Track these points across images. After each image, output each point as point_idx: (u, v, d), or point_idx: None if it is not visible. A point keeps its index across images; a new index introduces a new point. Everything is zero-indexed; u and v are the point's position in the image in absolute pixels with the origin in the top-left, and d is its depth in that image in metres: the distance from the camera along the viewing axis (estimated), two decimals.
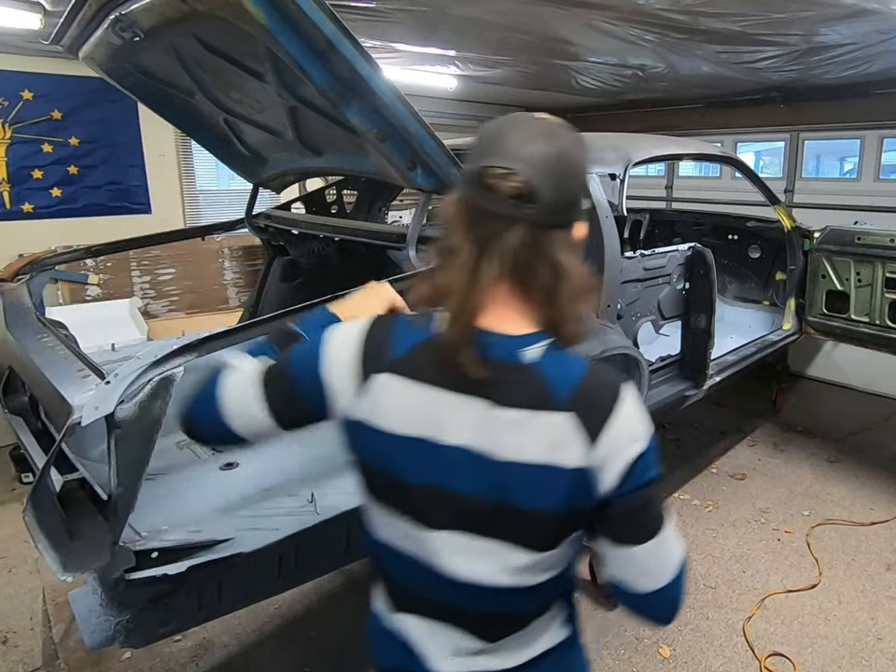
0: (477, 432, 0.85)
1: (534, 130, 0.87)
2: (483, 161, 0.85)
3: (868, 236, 3.63)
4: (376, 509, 0.94)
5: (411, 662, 0.96)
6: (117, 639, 1.42)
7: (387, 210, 3.71)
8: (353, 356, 0.91)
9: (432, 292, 0.89)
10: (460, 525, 0.88)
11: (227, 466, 1.91)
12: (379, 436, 0.89)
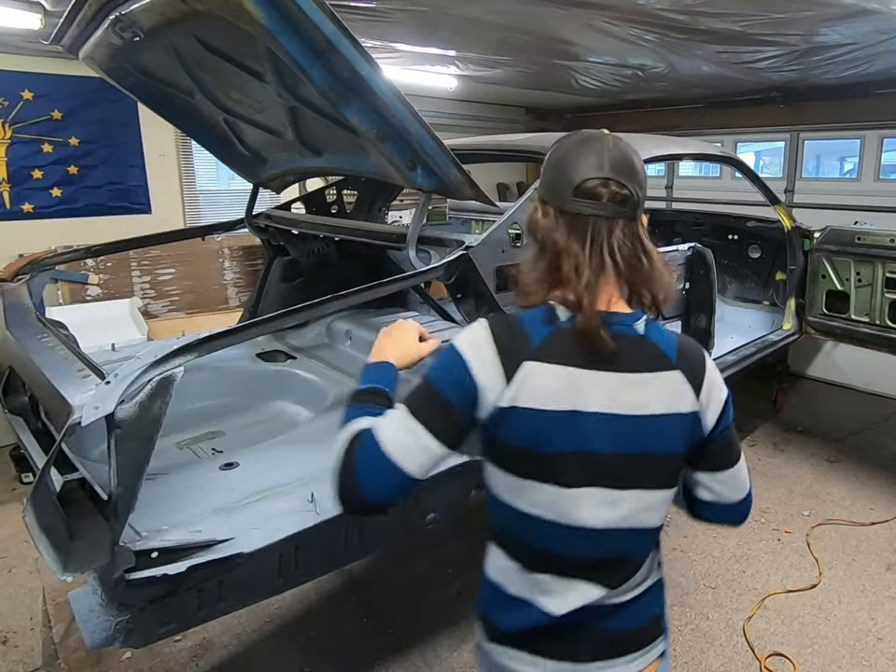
0: (613, 398, 1.02)
1: (608, 143, 1.05)
2: (578, 175, 1.03)
3: (868, 236, 3.63)
4: (520, 483, 1.06)
5: (541, 617, 1.10)
6: (117, 639, 1.42)
7: (387, 210, 3.71)
8: (493, 354, 1.02)
9: (544, 289, 1.06)
10: (601, 482, 1.04)
11: (227, 466, 1.91)
12: (527, 414, 1.01)
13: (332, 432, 2.04)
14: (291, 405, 2.60)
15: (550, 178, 1.08)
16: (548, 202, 1.07)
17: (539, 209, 1.09)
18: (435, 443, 1.02)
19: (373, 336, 3.13)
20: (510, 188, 7.98)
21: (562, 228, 1.04)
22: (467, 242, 2.08)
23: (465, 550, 3.21)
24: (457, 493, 2.00)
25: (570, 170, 1.04)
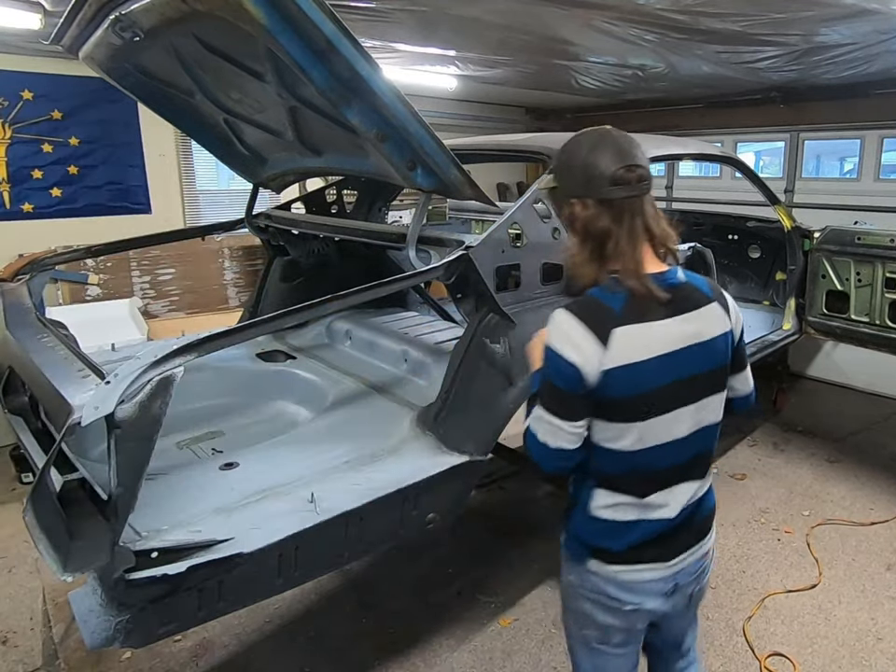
0: (681, 335, 1.31)
1: (617, 136, 1.30)
2: (609, 168, 1.25)
3: (868, 236, 3.63)
4: (629, 427, 1.31)
5: (659, 526, 1.39)
6: (117, 639, 1.42)
7: (387, 210, 3.71)
8: (584, 332, 1.25)
9: (595, 269, 1.30)
10: (687, 401, 1.34)
11: (227, 466, 1.91)
12: (626, 369, 1.26)
13: (332, 432, 2.04)
14: (291, 405, 2.60)
15: (583, 176, 1.28)
16: (584, 196, 1.28)
17: (576, 204, 1.29)
18: (566, 423, 1.30)
19: (373, 336, 3.16)
20: (510, 188, 7.98)
21: (604, 214, 1.27)
22: (467, 242, 2.08)
23: (465, 550, 3.21)
24: (457, 493, 1.99)
25: (601, 165, 1.26)
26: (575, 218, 1.31)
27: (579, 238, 1.32)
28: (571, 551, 1.48)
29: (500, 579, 2.99)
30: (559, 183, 1.37)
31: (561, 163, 1.35)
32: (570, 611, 1.54)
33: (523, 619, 2.74)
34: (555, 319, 1.30)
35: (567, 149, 1.33)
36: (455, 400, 2.04)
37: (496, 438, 2.07)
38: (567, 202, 1.32)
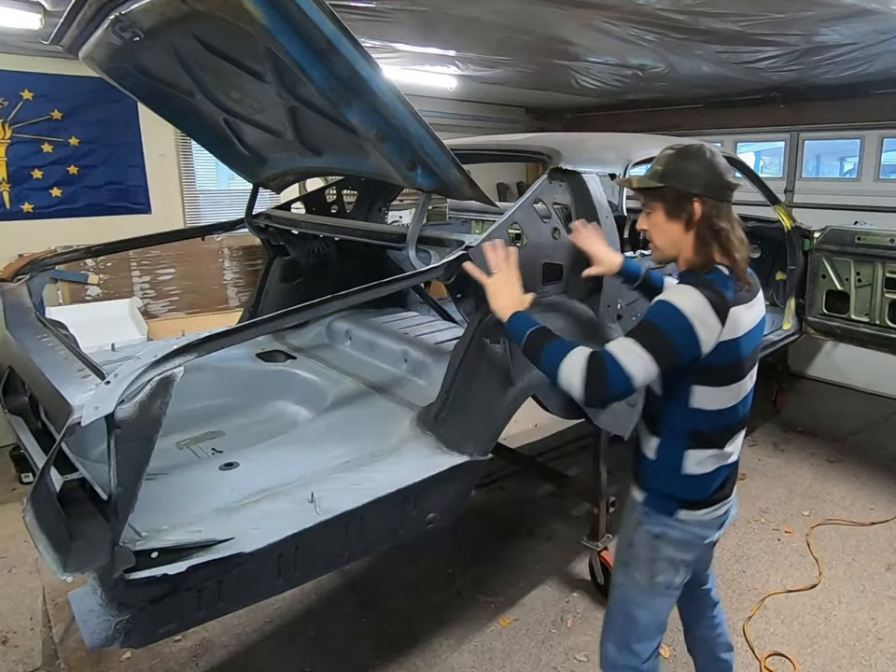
0: (755, 315, 1.63)
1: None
2: (728, 177, 1.60)
3: (868, 236, 3.63)
4: (724, 389, 1.60)
5: (728, 470, 1.71)
6: (117, 639, 1.42)
7: (387, 210, 3.71)
8: (713, 315, 1.49)
9: (712, 258, 1.58)
10: (753, 365, 1.67)
11: (227, 466, 1.90)
12: (732, 342, 1.54)
13: (332, 432, 2.03)
14: (291, 405, 2.60)
15: (710, 181, 1.56)
16: (709, 197, 1.56)
17: (704, 203, 1.55)
18: (654, 366, 1.48)
19: (373, 336, 3.16)
20: (510, 188, 7.98)
21: (723, 215, 1.57)
22: (467, 242, 2.08)
23: (465, 550, 3.22)
24: (457, 493, 1.99)
25: (724, 174, 1.58)
26: (699, 215, 1.56)
27: (697, 231, 1.58)
28: (657, 507, 1.70)
29: (500, 579, 2.99)
30: (674, 183, 1.57)
31: (688, 168, 1.57)
32: (646, 562, 1.72)
33: (523, 619, 2.74)
34: (692, 295, 1.50)
35: (688, 155, 1.59)
36: (455, 400, 2.04)
37: (496, 438, 2.07)
38: (689, 200, 1.56)
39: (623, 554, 1.79)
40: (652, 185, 1.60)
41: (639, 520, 1.73)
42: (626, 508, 1.82)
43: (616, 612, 1.81)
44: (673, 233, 1.61)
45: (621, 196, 2.54)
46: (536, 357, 1.62)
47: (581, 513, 3.45)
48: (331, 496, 1.70)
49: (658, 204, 1.61)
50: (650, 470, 1.72)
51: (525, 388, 2.10)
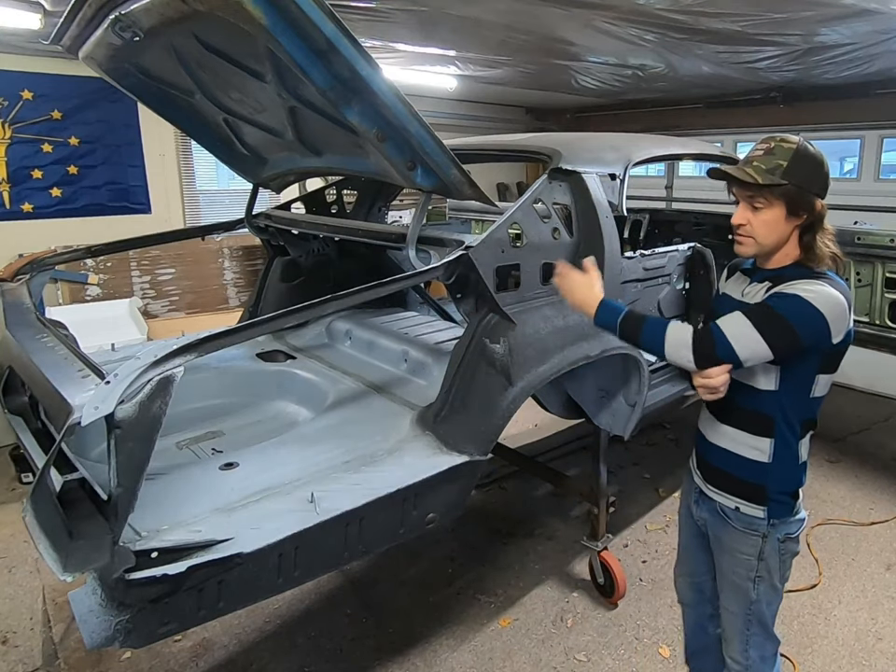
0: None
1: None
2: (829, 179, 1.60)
3: (868, 236, 3.63)
4: (832, 376, 1.67)
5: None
6: (117, 639, 1.42)
7: (387, 210, 3.71)
8: (847, 314, 1.54)
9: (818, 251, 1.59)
10: None
11: (227, 466, 1.90)
12: (850, 332, 1.57)
13: (332, 432, 2.03)
14: (291, 405, 2.60)
15: (827, 181, 1.58)
16: (822, 196, 1.57)
17: (817, 201, 1.55)
18: (766, 354, 1.51)
19: (373, 336, 3.16)
20: (510, 188, 7.98)
21: (824, 213, 1.59)
22: (467, 242, 2.08)
23: (465, 550, 3.22)
24: (457, 493, 1.99)
25: (829, 175, 1.60)
26: (814, 211, 1.55)
27: (810, 228, 1.57)
28: (782, 512, 1.69)
29: (500, 579, 2.99)
30: (800, 182, 1.53)
31: (809, 166, 1.55)
32: (777, 566, 1.71)
33: (523, 619, 2.74)
34: (834, 298, 1.51)
35: (811, 155, 1.55)
36: (454, 400, 2.04)
37: (496, 438, 2.07)
38: (811, 197, 1.55)
39: (752, 573, 1.72)
40: (778, 182, 1.53)
41: (765, 533, 1.69)
42: (723, 532, 1.75)
43: (756, 633, 1.77)
44: (786, 230, 1.58)
45: (621, 196, 2.54)
46: (635, 340, 1.65)
47: (580, 513, 3.45)
48: (331, 496, 1.70)
49: (778, 200, 1.54)
50: (767, 475, 1.66)
51: (524, 388, 2.10)
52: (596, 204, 2.42)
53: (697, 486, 1.84)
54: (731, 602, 1.79)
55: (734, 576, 1.75)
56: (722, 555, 1.78)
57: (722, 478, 1.73)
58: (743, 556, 1.72)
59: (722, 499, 1.74)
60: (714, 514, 1.77)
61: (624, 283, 2.55)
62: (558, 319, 2.26)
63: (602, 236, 2.39)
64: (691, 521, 1.90)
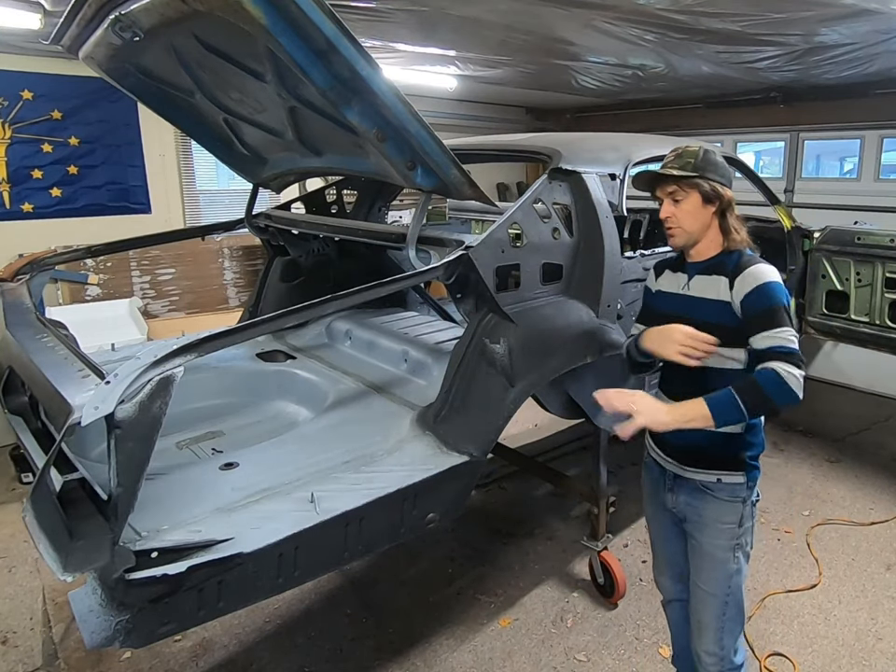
0: None
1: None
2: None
3: (868, 236, 3.63)
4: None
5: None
6: (117, 639, 1.42)
7: (387, 210, 3.71)
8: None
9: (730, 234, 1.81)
10: None
11: (227, 466, 1.90)
12: None
13: (332, 432, 2.03)
14: (291, 405, 2.60)
15: (729, 174, 1.80)
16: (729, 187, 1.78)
17: (728, 190, 1.77)
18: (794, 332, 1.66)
19: (373, 336, 3.16)
20: (510, 188, 7.98)
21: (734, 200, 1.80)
22: (467, 242, 2.08)
23: (465, 550, 3.22)
24: (457, 493, 1.99)
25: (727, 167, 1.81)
26: (723, 197, 1.75)
27: (724, 214, 1.77)
28: (755, 475, 1.80)
29: (500, 579, 2.99)
30: (710, 175, 1.74)
31: (712, 162, 1.76)
32: (750, 530, 1.83)
33: (523, 619, 2.74)
34: (770, 268, 1.73)
35: (710, 152, 1.77)
36: (454, 400, 2.04)
37: (496, 438, 2.07)
38: (718, 186, 1.75)
39: (732, 542, 1.81)
40: (690, 174, 1.75)
41: (744, 497, 1.79)
42: (705, 506, 1.83)
43: (732, 605, 1.84)
44: (706, 217, 1.78)
45: (621, 196, 2.54)
46: (763, 409, 1.65)
47: (580, 513, 3.45)
48: (331, 496, 1.70)
49: (693, 190, 1.76)
50: (742, 445, 1.78)
51: (524, 388, 2.10)
52: (596, 204, 2.42)
53: (670, 473, 1.89)
54: (709, 581, 1.85)
55: (714, 549, 1.82)
56: (703, 532, 1.84)
57: (700, 456, 1.81)
58: (726, 526, 1.80)
59: (702, 476, 1.81)
60: (693, 493, 1.84)
61: (624, 283, 2.55)
62: (558, 319, 2.26)
63: (602, 236, 2.40)
64: (663, 513, 1.97)
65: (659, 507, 1.98)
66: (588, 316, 2.37)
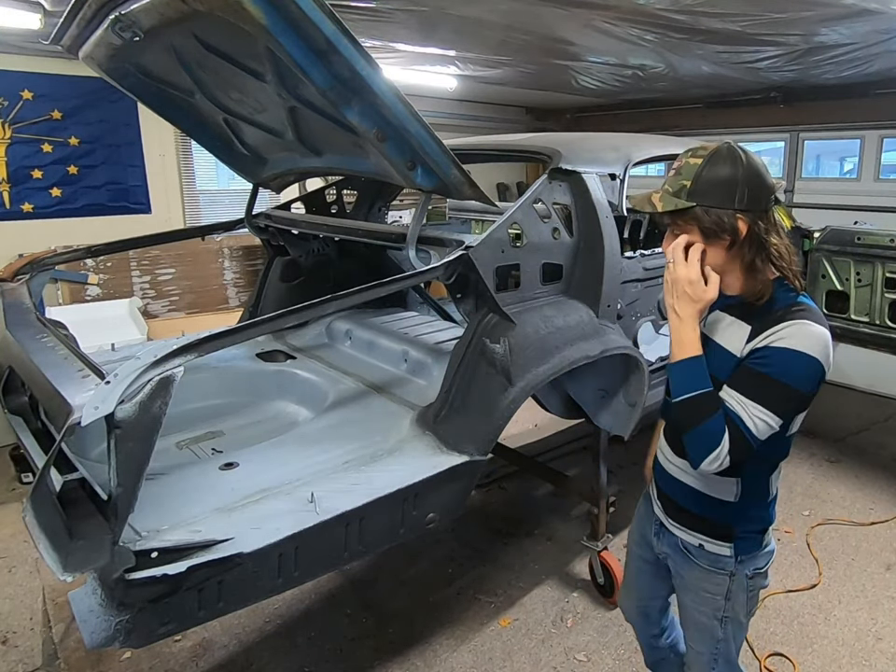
0: None
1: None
2: (767, 180, 1.36)
3: (868, 236, 3.63)
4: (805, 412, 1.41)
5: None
6: (117, 639, 1.42)
7: (387, 210, 3.71)
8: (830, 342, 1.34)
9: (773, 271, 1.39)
10: None
11: (227, 466, 1.90)
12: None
13: (332, 432, 2.04)
14: (291, 405, 2.60)
15: (752, 190, 1.32)
16: (752, 210, 1.33)
17: (748, 218, 1.32)
18: (778, 423, 1.32)
19: (373, 336, 3.16)
20: (510, 188, 7.98)
21: (770, 226, 1.35)
22: (467, 242, 2.08)
23: (465, 550, 3.22)
24: (457, 493, 1.99)
25: (764, 177, 1.35)
26: (740, 233, 1.33)
27: (741, 252, 1.36)
28: (749, 549, 1.54)
29: (500, 579, 2.99)
30: (709, 200, 1.33)
31: (716, 180, 1.33)
32: (744, 603, 1.57)
33: (523, 619, 2.74)
34: (814, 333, 1.30)
35: (718, 162, 1.34)
36: (454, 400, 2.04)
37: (496, 438, 2.07)
38: (730, 217, 1.32)
39: (718, 613, 1.57)
40: (682, 205, 1.33)
41: (732, 571, 1.53)
42: (686, 569, 1.62)
43: (723, 668, 1.64)
44: (715, 258, 1.36)
45: (621, 196, 2.54)
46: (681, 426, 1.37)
47: (580, 513, 3.45)
48: (331, 496, 1.70)
49: (689, 225, 1.35)
50: (732, 516, 1.51)
51: (524, 388, 2.10)
52: (596, 204, 2.42)
53: (657, 518, 1.69)
54: (696, 641, 1.66)
55: (699, 615, 1.61)
56: (686, 594, 1.64)
57: (684, 514, 1.58)
58: (708, 595, 1.57)
59: (685, 535, 1.59)
60: (676, 550, 1.62)
61: (624, 283, 2.55)
62: (558, 319, 2.26)
63: (602, 236, 2.39)
64: (645, 548, 1.77)
65: (642, 541, 1.78)
66: (588, 316, 2.37)
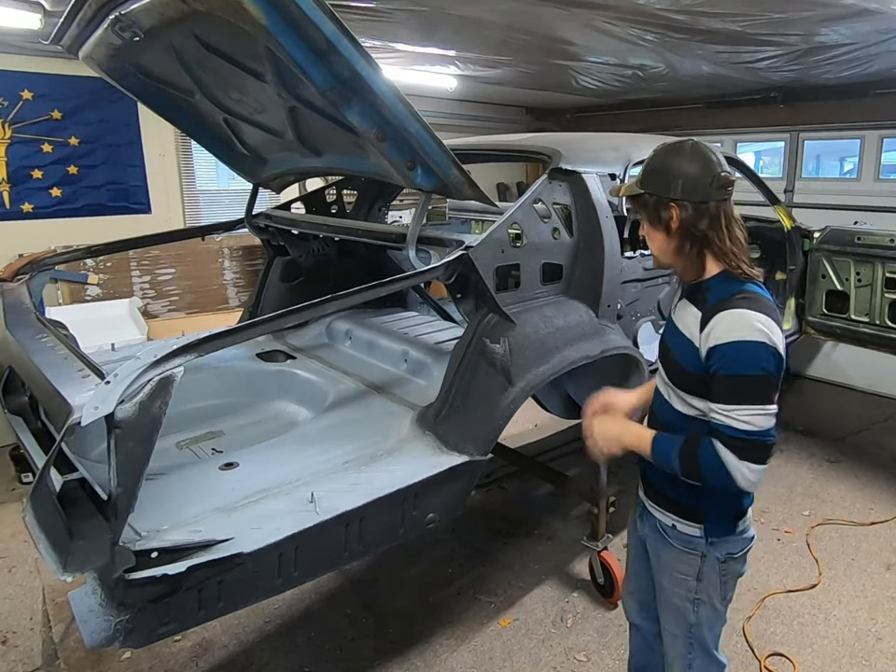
0: None
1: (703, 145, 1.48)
2: (712, 172, 1.40)
3: (868, 236, 3.63)
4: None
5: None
6: (117, 639, 1.42)
7: (387, 210, 3.71)
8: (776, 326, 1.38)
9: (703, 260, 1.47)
10: None
11: (227, 466, 1.91)
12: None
13: (332, 432, 2.04)
14: (291, 405, 2.60)
15: (690, 182, 1.39)
16: (689, 200, 1.40)
17: (682, 208, 1.41)
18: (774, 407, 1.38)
19: (373, 336, 3.16)
20: (510, 188, 7.97)
21: (705, 217, 1.41)
22: (467, 242, 2.08)
23: (465, 550, 3.21)
24: (457, 493, 1.99)
25: (707, 170, 1.40)
26: (672, 221, 1.42)
27: (676, 238, 1.45)
28: (720, 532, 1.57)
29: (500, 579, 2.99)
30: (652, 188, 1.44)
31: (659, 169, 1.44)
32: (717, 587, 1.60)
33: (523, 619, 2.74)
34: (745, 320, 1.36)
35: (668, 155, 1.45)
36: (454, 400, 2.04)
37: (496, 438, 2.07)
38: (666, 205, 1.42)
39: (691, 594, 1.61)
40: (633, 191, 1.47)
41: (703, 552, 1.58)
42: (662, 549, 1.66)
43: (698, 656, 1.68)
44: (659, 242, 1.48)
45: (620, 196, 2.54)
46: (697, 480, 1.45)
47: (580, 513, 3.45)
48: (331, 496, 1.70)
49: (642, 210, 1.48)
50: (700, 499, 1.55)
51: (524, 388, 2.10)
52: (596, 204, 2.42)
53: (641, 500, 1.76)
54: (670, 623, 1.70)
55: (673, 596, 1.66)
56: (662, 574, 1.69)
57: (661, 496, 1.65)
58: (681, 576, 1.62)
59: (661, 516, 1.65)
60: (654, 531, 1.68)
61: (624, 283, 2.55)
62: (558, 319, 2.26)
63: (602, 236, 2.40)
64: (636, 536, 1.82)
65: (634, 530, 1.85)
66: (588, 316, 2.37)
